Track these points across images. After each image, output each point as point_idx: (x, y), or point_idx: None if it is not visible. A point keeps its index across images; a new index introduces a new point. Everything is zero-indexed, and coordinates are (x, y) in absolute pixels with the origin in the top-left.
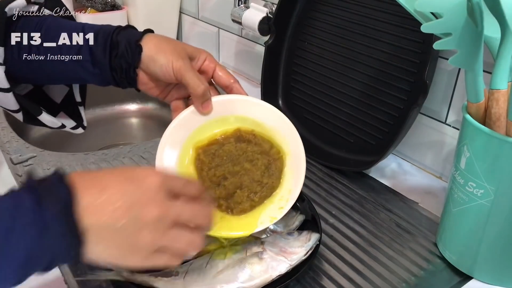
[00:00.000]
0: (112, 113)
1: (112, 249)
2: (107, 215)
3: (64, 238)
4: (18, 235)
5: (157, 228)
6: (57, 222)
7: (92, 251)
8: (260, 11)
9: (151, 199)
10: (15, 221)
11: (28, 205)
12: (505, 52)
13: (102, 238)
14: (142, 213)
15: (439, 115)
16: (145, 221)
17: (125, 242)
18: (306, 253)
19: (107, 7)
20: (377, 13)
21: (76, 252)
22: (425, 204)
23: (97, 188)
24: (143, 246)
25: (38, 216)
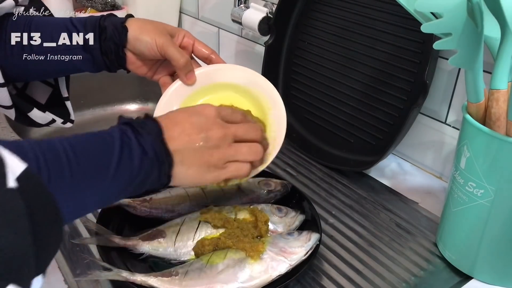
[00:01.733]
0: (112, 113)
1: (193, 167)
2: (185, 141)
3: (158, 161)
4: (126, 161)
5: (223, 144)
6: (152, 148)
7: (179, 171)
8: (260, 11)
9: (213, 124)
10: (123, 150)
11: (130, 135)
12: (505, 52)
13: (185, 158)
14: (209, 135)
15: (439, 115)
16: (214, 140)
17: (202, 159)
18: (306, 253)
19: (107, 7)
20: (377, 13)
21: (166, 172)
22: (425, 204)
23: (173, 124)
24: (216, 160)
25: (138, 145)
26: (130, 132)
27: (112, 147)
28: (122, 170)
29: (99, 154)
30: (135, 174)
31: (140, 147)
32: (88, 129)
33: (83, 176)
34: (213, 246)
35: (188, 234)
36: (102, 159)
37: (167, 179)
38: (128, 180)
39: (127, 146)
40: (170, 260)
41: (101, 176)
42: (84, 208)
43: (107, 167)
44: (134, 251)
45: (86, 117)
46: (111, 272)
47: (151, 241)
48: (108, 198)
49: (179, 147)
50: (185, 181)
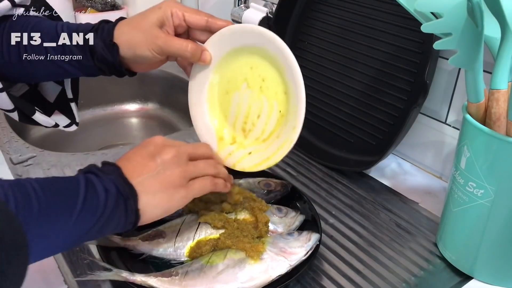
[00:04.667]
0: (112, 113)
1: (158, 194)
2: (143, 171)
3: (122, 196)
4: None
5: (179, 162)
6: (115, 185)
7: (145, 202)
8: (260, 11)
9: (162, 147)
10: (88, 189)
11: (93, 178)
12: (505, 52)
13: (148, 187)
14: (163, 158)
15: (439, 115)
16: (169, 161)
17: (164, 182)
18: (306, 253)
19: (107, 7)
20: (377, 13)
21: (133, 207)
22: (425, 204)
23: (127, 161)
24: (178, 180)
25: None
26: (92, 176)
27: (78, 186)
28: (88, 206)
29: (66, 191)
30: (101, 211)
31: (103, 187)
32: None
33: (50, 210)
34: (212, 247)
35: (188, 234)
36: (68, 196)
37: (134, 216)
38: (94, 218)
39: (92, 186)
40: (170, 260)
41: (68, 212)
42: (50, 247)
43: (74, 203)
44: (134, 251)
45: (86, 117)
46: (111, 272)
47: (151, 241)
48: (75, 237)
49: (139, 178)
50: (155, 211)
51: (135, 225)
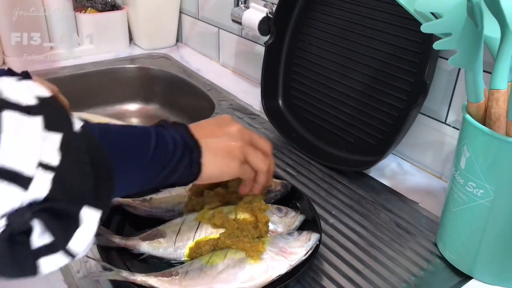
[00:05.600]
0: (112, 113)
1: (219, 156)
2: (209, 133)
3: (188, 147)
4: (161, 145)
5: (242, 137)
6: (182, 137)
7: (207, 159)
8: (260, 11)
9: (231, 121)
10: (158, 137)
11: (162, 130)
12: (505, 52)
13: (211, 146)
14: (229, 129)
15: (439, 115)
16: (234, 133)
17: (226, 149)
18: (306, 253)
19: (107, 7)
20: (377, 13)
21: (196, 159)
22: (425, 204)
23: (197, 125)
24: (237, 151)
25: (170, 135)
26: (162, 129)
27: (149, 134)
28: (158, 152)
29: (140, 137)
30: (169, 158)
31: (171, 137)
32: None
33: (127, 149)
34: (212, 246)
35: (188, 234)
36: (142, 141)
37: (197, 167)
38: (163, 163)
39: (161, 135)
40: (170, 260)
41: (143, 152)
42: (126, 184)
43: (148, 146)
44: (134, 251)
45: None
46: (111, 272)
47: (151, 241)
48: (147, 179)
49: (205, 139)
50: (213, 170)
51: (196, 177)
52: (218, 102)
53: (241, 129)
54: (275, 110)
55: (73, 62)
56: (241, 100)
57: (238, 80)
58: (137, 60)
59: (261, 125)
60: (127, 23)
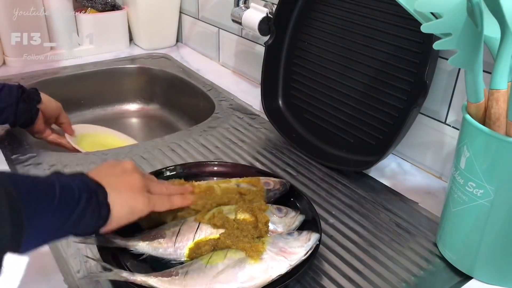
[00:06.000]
0: (112, 113)
1: (124, 192)
2: (106, 173)
3: (92, 190)
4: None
5: (139, 171)
6: (83, 182)
7: (113, 197)
8: (260, 11)
9: (123, 161)
10: (63, 189)
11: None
12: (505, 52)
13: (112, 184)
14: (124, 166)
15: (439, 115)
16: (129, 169)
17: (128, 184)
18: (306, 253)
19: (107, 7)
20: (377, 13)
21: (103, 200)
22: (425, 204)
23: (91, 170)
24: (139, 184)
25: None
26: (62, 176)
27: (52, 180)
28: (64, 198)
29: (44, 183)
30: (76, 201)
31: (73, 183)
32: None
33: (34, 197)
34: (212, 246)
35: (188, 235)
36: (47, 187)
37: (106, 208)
38: (70, 209)
39: (64, 181)
40: (170, 260)
41: (48, 201)
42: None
43: (53, 193)
44: (134, 251)
45: (86, 117)
46: (111, 272)
47: (151, 241)
48: (56, 226)
49: (105, 178)
50: (122, 208)
51: (106, 220)
52: (218, 102)
53: (134, 166)
54: (275, 110)
55: (73, 62)
56: (241, 100)
57: (238, 80)
58: (137, 60)
59: (261, 125)
60: (127, 23)
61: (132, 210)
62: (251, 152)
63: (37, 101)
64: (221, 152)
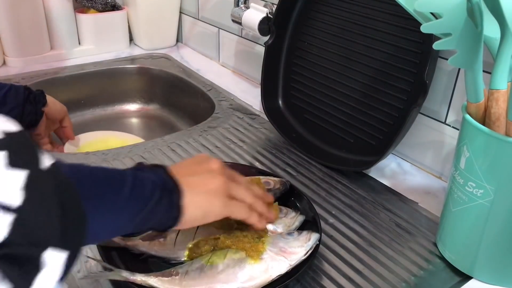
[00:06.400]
0: (112, 113)
1: (200, 194)
2: (189, 171)
3: (167, 189)
4: (138, 186)
5: (224, 173)
6: (160, 178)
7: (188, 199)
8: (260, 11)
9: (210, 158)
10: (136, 179)
11: (139, 172)
12: (505, 52)
13: (191, 185)
14: (209, 165)
15: (439, 115)
16: (214, 170)
17: (207, 186)
18: (306, 253)
19: (107, 7)
20: (376, 13)
21: (176, 201)
22: (425, 204)
23: (175, 165)
24: (220, 186)
25: (147, 177)
26: (139, 171)
27: (125, 177)
28: (134, 195)
29: (114, 178)
30: (146, 201)
31: (149, 179)
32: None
33: (100, 190)
34: (212, 246)
35: (188, 235)
36: (116, 182)
37: (177, 210)
38: (139, 207)
39: (138, 177)
40: (170, 260)
41: (115, 198)
42: (99, 226)
43: (121, 189)
44: (134, 251)
45: (86, 117)
46: (111, 272)
47: (151, 241)
48: (122, 222)
49: (185, 177)
50: (196, 212)
51: (177, 222)
52: (218, 102)
53: (221, 164)
54: (275, 110)
55: (73, 62)
56: (241, 100)
57: (238, 80)
58: (137, 60)
59: (261, 125)
60: (127, 23)
61: (206, 214)
62: (251, 152)
63: (43, 103)
64: (221, 152)
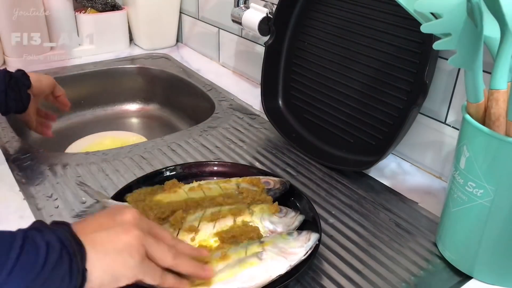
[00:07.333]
0: (112, 113)
1: (110, 254)
2: (97, 226)
3: (68, 252)
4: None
5: (140, 225)
6: (59, 239)
7: (94, 262)
8: (260, 11)
9: (125, 208)
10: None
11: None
12: (505, 52)
13: (98, 243)
14: (122, 217)
15: (439, 115)
16: (126, 222)
17: (115, 244)
18: (306, 253)
19: (107, 7)
20: (376, 13)
21: (80, 266)
22: (424, 204)
23: (82, 220)
24: (135, 242)
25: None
26: (34, 232)
27: (12, 240)
28: (24, 262)
29: (2, 239)
30: (39, 269)
31: (44, 241)
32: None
33: None
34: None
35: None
36: (4, 245)
37: (81, 277)
38: (31, 274)
39: (31, 241)
40: None
41: (3, 261)
42: None
43: (6, 255)
44: None
45: (86, 117)
46: None
47: None
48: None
49: (91, 234)
50: (103, 274)
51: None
52: (218, 102)
53: (137, 215)
54: (275, 110)
55: (73, 62)
56: (241, 100)
57: (238, 80)
58: (137, 60)
59: (261, 125)
60: (127, 23)
61: (115, 278)
62: (251, 152)
63: (27, 86)
64: (221, 152)
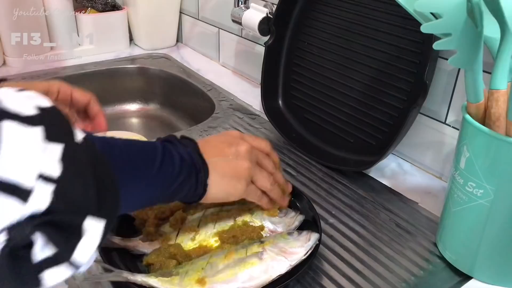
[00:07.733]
0: (112, 113)
1: (226, 177)
2: (218, 153)
3: (196, 168)
4: (167, 163)
5: (250, 157)
6: (190, 156)
7: (213, 180)
8: (260, 11)
9: (240, 140)
10: (165, 155)
11: (170, 147)
12: (505, 52)
13: (219, 168)
14: (238, 149)
15: (439, 115)
16: (242, 153)
17: (234, 170)
18: (306, 253)
19: (107, 7)
20: (376, 13)
21: (203, 180)
22: (425, 204)
23: (206, 142)
24: (244, 171)
25: (178, 153)
26: (170, 145)
27: (156, 150)
28: (164, 169)
29: (145, 152)
30: (175, 176)
31: (179, 155)
32: None
33: (132, 164)
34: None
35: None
36: (147, 157)
37: (203, 188)
38: (168, 182)
39: (168, 153)
40: None
41: (146, 171)
42: (131, 197)
43: (152, 164)
44: (134, 252)
45: None
46: (112, 273)
47: (151, 241)
48: (152, 195)
49: (213, 158)
50: (218, 191)
51: (200, 199)
52: (218, 102)
53: (249, 148)
54: (275, 110)
55: (73, 62)
56: (241, 100)
57: (238, 80)
58: (137, 60)
59: (261, 125)
60: (127, 23)
61: (227, 196)
62: None
63: None
64: None
